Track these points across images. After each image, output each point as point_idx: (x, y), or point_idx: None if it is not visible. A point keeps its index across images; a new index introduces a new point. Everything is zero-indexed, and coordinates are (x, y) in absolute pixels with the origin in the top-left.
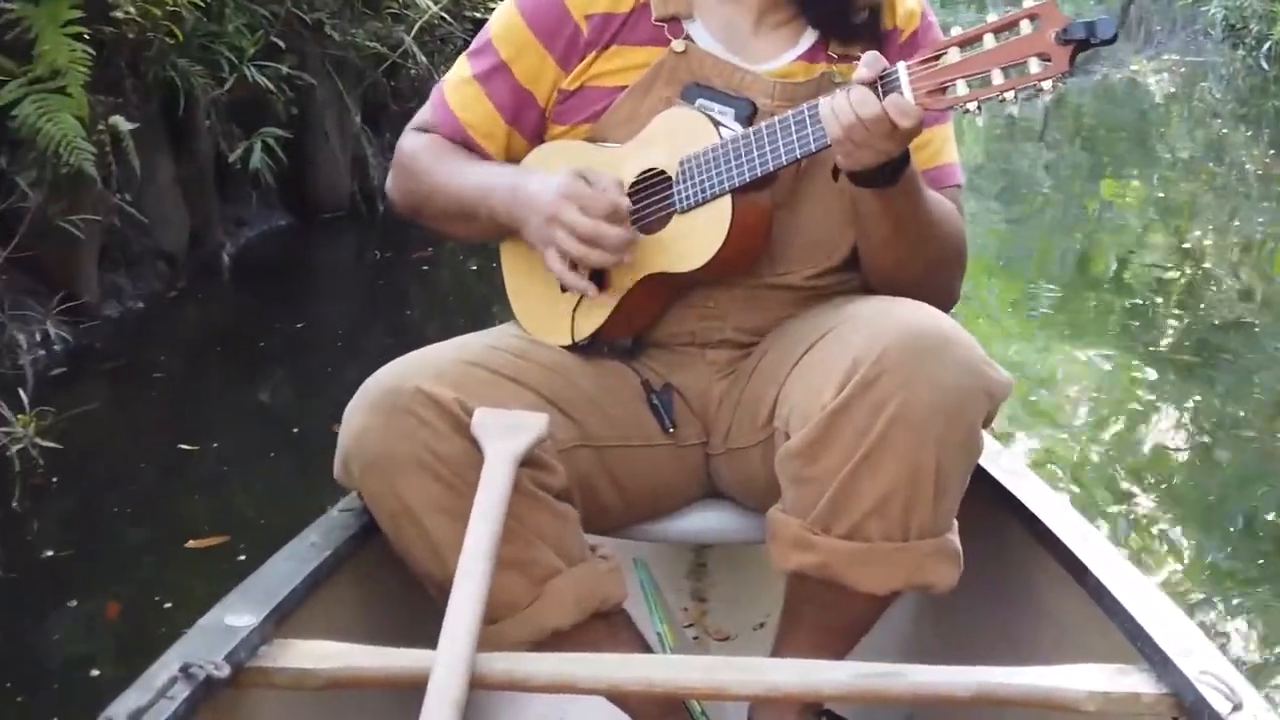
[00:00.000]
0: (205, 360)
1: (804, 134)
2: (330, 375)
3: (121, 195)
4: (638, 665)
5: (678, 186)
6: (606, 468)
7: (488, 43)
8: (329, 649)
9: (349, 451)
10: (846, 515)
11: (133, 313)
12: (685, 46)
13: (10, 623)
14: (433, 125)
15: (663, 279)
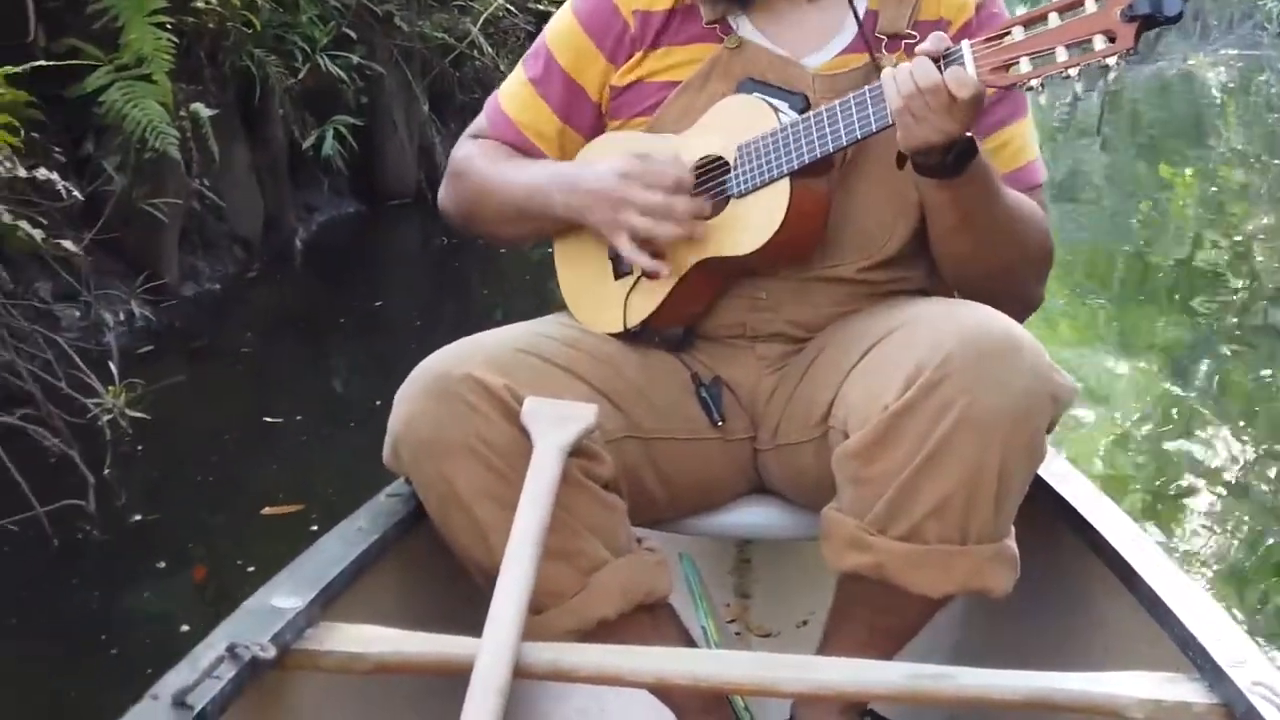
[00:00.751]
0: (281, 339)
1: (864, 114)
2: (400, 356)
3: (200, 180)
4: (684, 659)
5: (735, 171)
6: (653, 460)
7: (542, 45)
8: (374, 634)
9: (399, 436)
10: (904, 517)
11: (209, 294)
12: (739, 42)
13: (105, 583)
14: (487, 131)
15: (717, 264)
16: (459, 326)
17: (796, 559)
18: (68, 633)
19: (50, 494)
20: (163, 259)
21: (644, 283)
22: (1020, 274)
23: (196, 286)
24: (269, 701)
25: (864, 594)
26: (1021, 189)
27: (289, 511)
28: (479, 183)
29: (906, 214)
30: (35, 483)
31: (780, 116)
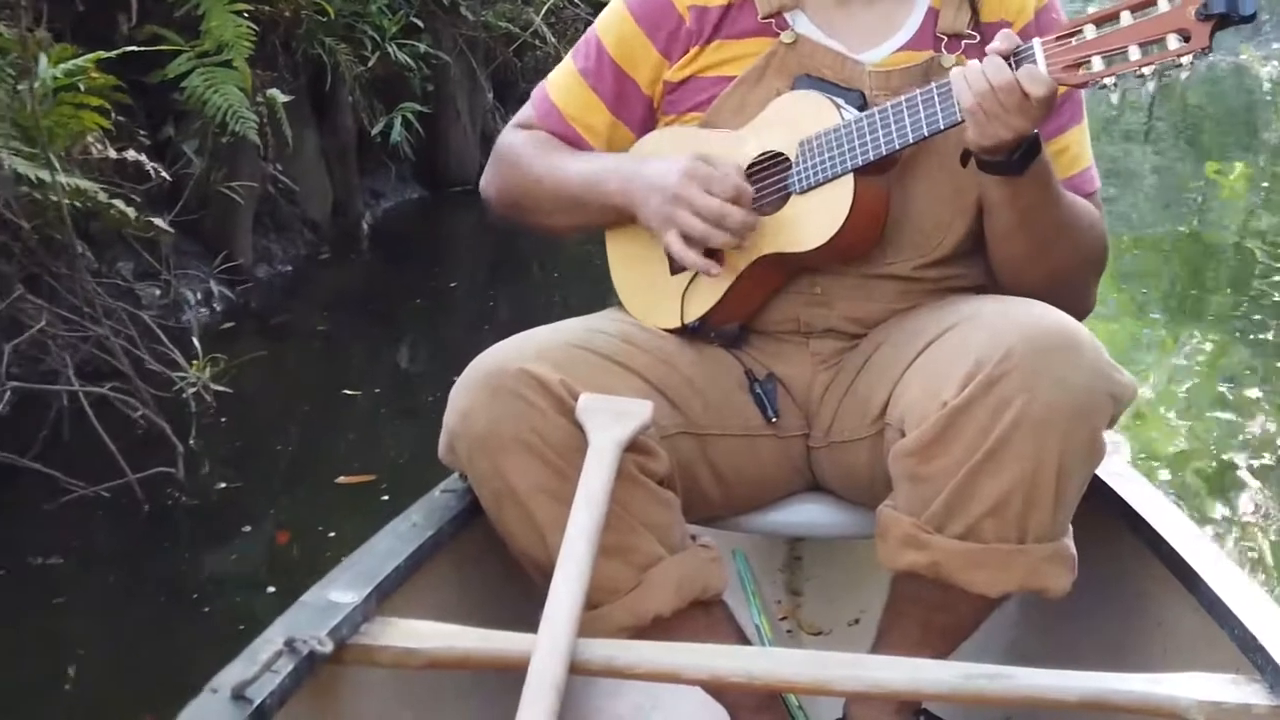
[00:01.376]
0: (352, 318)
1: (932, 111)
2: (465, 337)
3: (274, 165)
4: (739, 657)
5: (797, 167)
6: (707, 456)
7: (593, 37)
8: (430, 629)
9: (455, 431)
10: (962, 515)
11: (281, 275)
12: (795, 38)
13: (195, 546)
14: (535, 121)
15: (777, 260)
16: (521, 308)
17: (848, 557)
18: (162, 593)
19: (139, 463)
20: (238, 241)
21: (701, 279)
22: (1076, 278)
23: (269, 268)
24: (326, 695)
25: (919, 593)
26: (1079, 194)
27: (362, 481)
28: (528, 171)
29: (964, 212)
30: (124, 452)
31: (843, 113)
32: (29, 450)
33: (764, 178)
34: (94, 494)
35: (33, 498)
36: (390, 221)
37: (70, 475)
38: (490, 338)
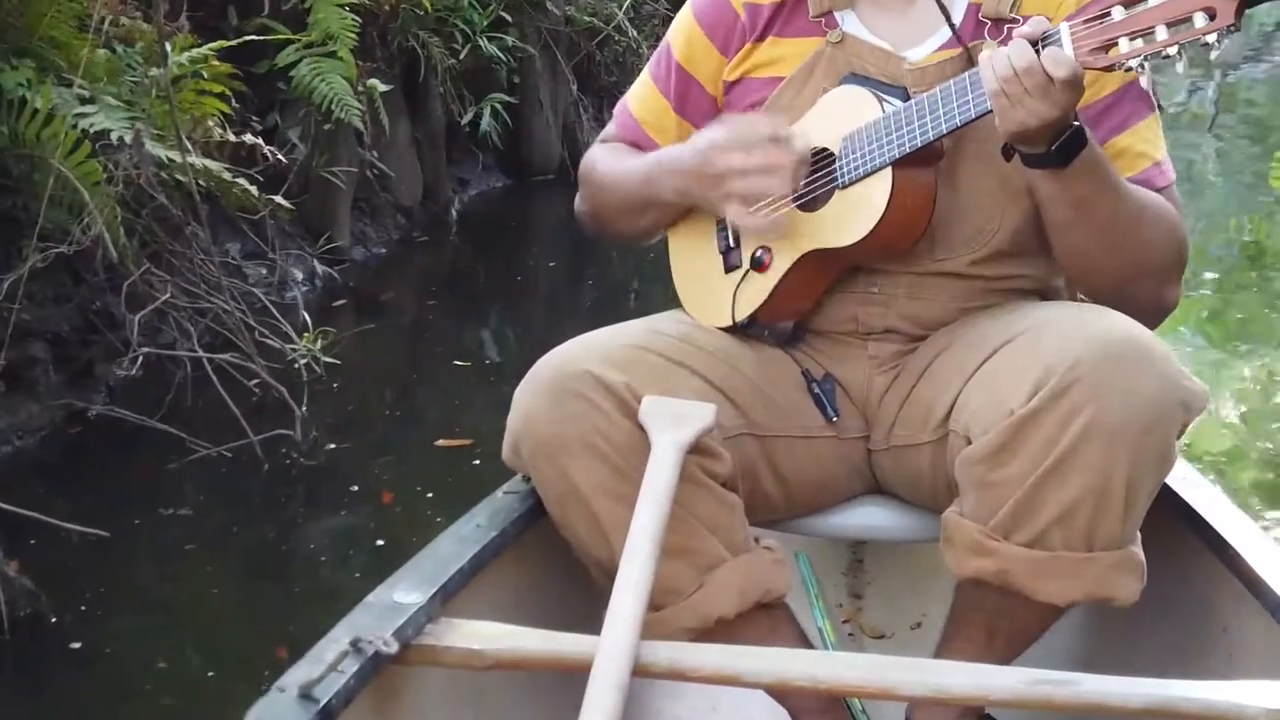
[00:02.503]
0: (446, 298)
1: (964, 100)
2: (549, 317)
3: (371, 151)
4: (802, 661)
5: (840, 162)
6: (769, 458)
7: (664, 42)
8: (494, 630)
9: (518, 433)
10: (1029, 523)
11: (376, 257)
12: (842, 36)
13: (308, 502)
14: (613, 134)
15: (822, 255)
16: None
17: (910, 560)
18: (280, 543)
19: (254, 427)
20: (337, 224)
21: (752, 276)
22: (1150, 275)
23: (365, 250)
24: (390, 695)
25: (984, 599)
26: (1152, 189)
27: (460, 445)
28: (600, 181)
29: (1014, 202)
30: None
31: (884, 105)
32: (156, 413)
33: (811, 174)
34: (216, 454)
35: (161, 456)
36: (476, 208)
37: (193, 437)
38: (571, 320)
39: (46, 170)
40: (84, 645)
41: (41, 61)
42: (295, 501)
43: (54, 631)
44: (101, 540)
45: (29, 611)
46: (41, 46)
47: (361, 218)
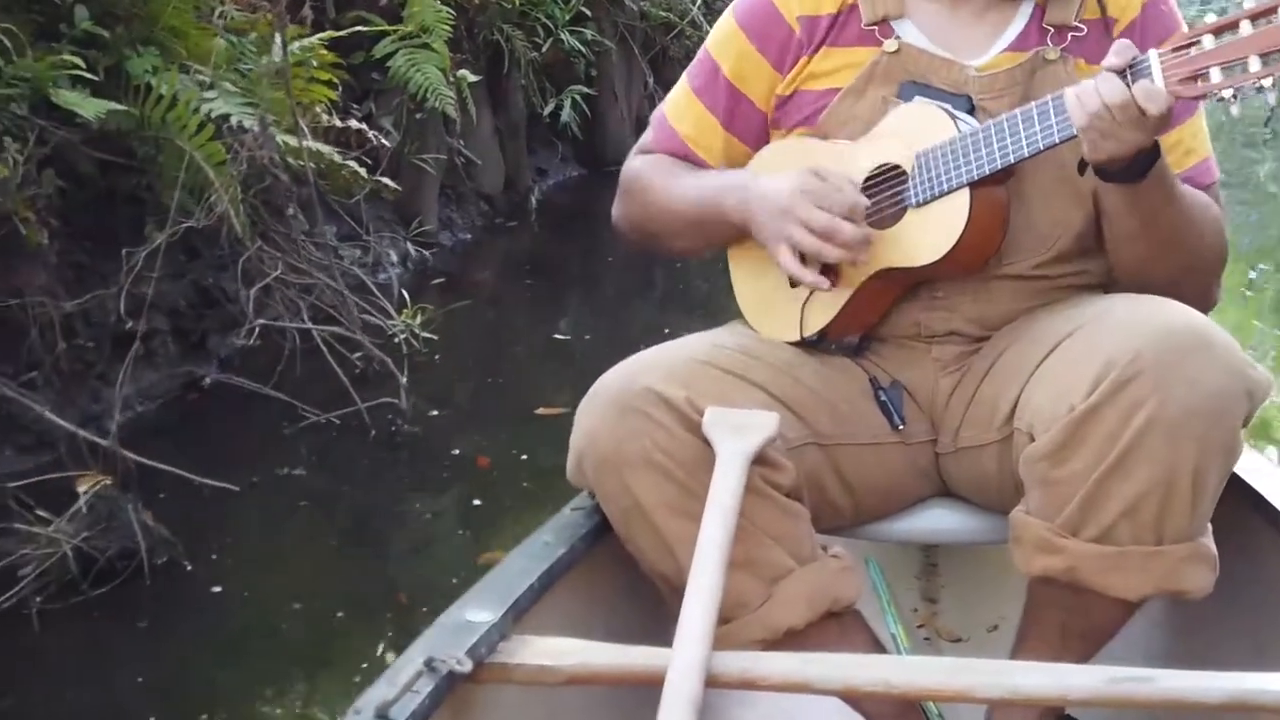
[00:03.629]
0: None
1: (1048, 124)
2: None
3: (458, 140)
4: (875, 666)
5: (913, 180)
6: (834, 466)
7: (705, 55)
8: (566, 645)
9: (581, 451)
10: (1096, 519)
11: (463, 242)
12: (898, 45)
13: (412, 465)
14: (654, 145)
15: (895, 274)
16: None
17: (984, 562)
18: (387, 503)
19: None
20: (426, 209)
21: (820, 292)
22: (1198, 275)
23: (451, 236)
24: (465, 714)
25: (1056, 598)
26: (1196, 187)
27: (557, 413)
28: (651, 198)
29: (1079, 205)
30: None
31: (959, 125)
32: (267, 382)
33: (880, 191)
34: (325, 420)
35: (275, 422)
36: (554, 196)
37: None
38: (649, 303)
39: (171, 152)
40: (224, 589)
41: (164, 49)
42: (399, 464)
43: (190, 577)
44: (226, 495)
45: (165, 560)
46: (164, 35)
47: (448, 204)
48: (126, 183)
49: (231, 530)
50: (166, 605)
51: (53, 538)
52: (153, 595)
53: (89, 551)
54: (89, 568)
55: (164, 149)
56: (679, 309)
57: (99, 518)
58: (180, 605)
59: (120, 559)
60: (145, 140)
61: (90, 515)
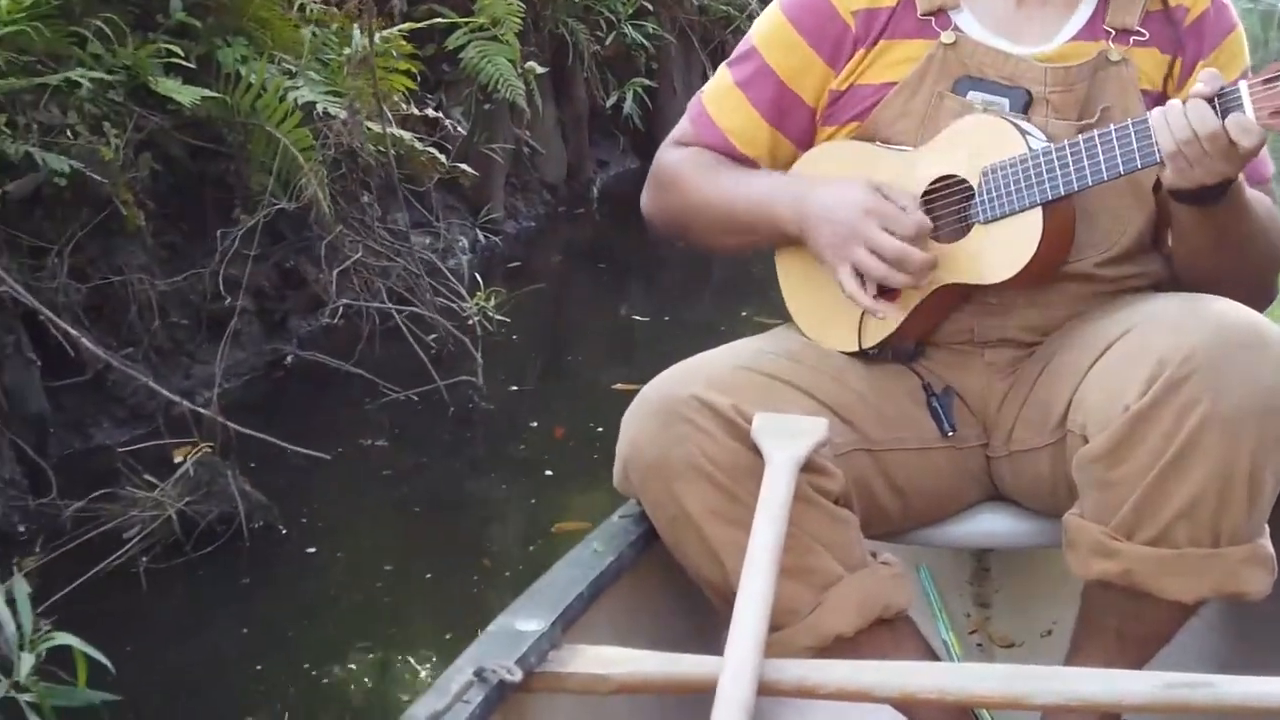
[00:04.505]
0: (593, 267)
1: (1129, 149)
2: (686, 288)
3: (525, 131)
4: (929, 673)
5: (980, 196)
6: (884, 471)
7: (751, 48)
8: (616, 654)
9: (627, 459)
10: (1152, 521)
11: (527, 229)
12: (955, 38)
13: (489, 438)
14: (692, 138)
15: (960, 290)
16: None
17: (1037, 566)
18: (466, 473)
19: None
20: (493, 197)
21: (880, 304)
22: (1259, 274)
23: (516, 224)
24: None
25: (1112, 602)
26: (1251, 184)
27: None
28: (690, 194)
29: (1141, 204)
30: (421, 367)
31: (1029, 141)
32: (348, 360)
33: (943, 203)
34: (404, 397)
35: (356, 399)
36: (614, 187)
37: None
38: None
39: (259, 138)
40: (318, 550)
41: (252, 40)
42: (476, 438)
43: (285, 540)
44: (315, 465)
45: (262, 524)
46: (252, 26)
47: (513, 193)
48: (215, 168)
49: (321, 497)
50: (265, 565)
51: (158, 501)
52: (251, 556)
53: (191, 515)
54: (190, 531)
55: (252, 135)
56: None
57: (200, 483)
58: (278, 565)
59: (220, 523)
60: (234, 127)
61: (191, 481)
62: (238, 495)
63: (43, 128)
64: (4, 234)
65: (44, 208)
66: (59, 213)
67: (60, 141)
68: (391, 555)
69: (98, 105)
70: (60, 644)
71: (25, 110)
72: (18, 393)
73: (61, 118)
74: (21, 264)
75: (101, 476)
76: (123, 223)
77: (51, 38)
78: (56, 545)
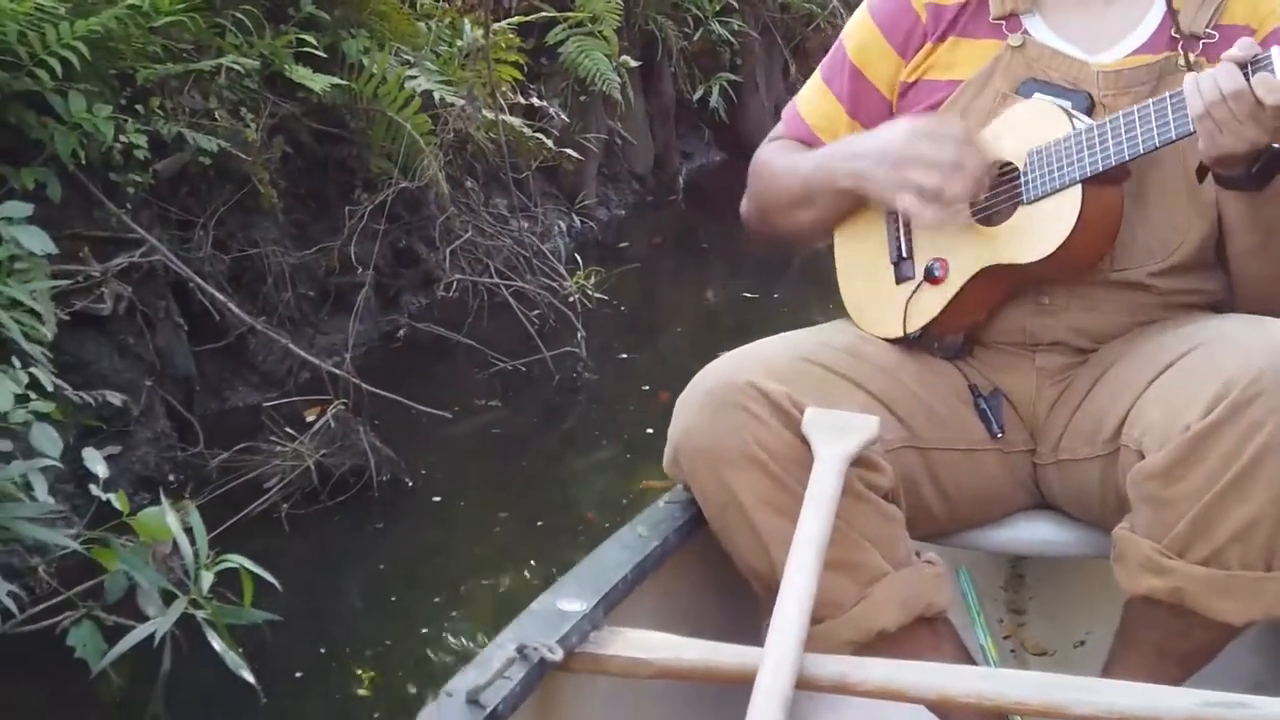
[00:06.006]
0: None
1: (1164, 120)
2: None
3: (617, 122)
4: (968, 677)
5: (1025, 177)
6: (931, 471)
7: (838, 44)
8: (657, 639)
9: (678, 443)
10: (1206, 541)
11: (617, 217)
12: (1022, 40)
13: (594, 403)
14: (781, 132)
15: (1003, 271)
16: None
17: (1073, 576)
18: (574, 431)
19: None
20: (586, 185)
21: (925, 288)
22: None
23: (607, 211)
24: (555, 703)
25: (1156, 618)
26: None
27: None
28: (769, 175)
29: (1202, 215)
30: (525, 340)
31: (1074, 122)
32: (459, 331)
33: (993, 188)
34: (512, 367)
35: (466, 368)
36: (698, 178)
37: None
38: (790, 278)
39: (380, 124)
40: (442, 499)
41: (372, 32)
42: (580, 404)
43: (412, 492)
44: (434, 424)
45: (389, 476)
46: (372, 19)
47: (604, 182)
48: (338, 152)
49: (441, 453)
50: (394, 513)
51: (298, 452)
52: (381, 505)
53: (327, 466)
54: (325, 481)
55: (374, 121)
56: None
57: (334, 438)
58: (405, 513)
59: (351, 474)
60: (356, 113)
61: (327, 435)
62: (368, 449)
63: (188, 111)
64: (156, 209)
65: (190, 184)
66: (203, 189)
67: (203, 124)
68: (506, 505)
69: (234, 92)
70: (229, 567)
71: (172, 95)
72: (168, 354)
73: (203, 103)
74: (171, 236)
75: (239, 434)
76: (259, 200)
77: (201, 29)
78: (205, 493)
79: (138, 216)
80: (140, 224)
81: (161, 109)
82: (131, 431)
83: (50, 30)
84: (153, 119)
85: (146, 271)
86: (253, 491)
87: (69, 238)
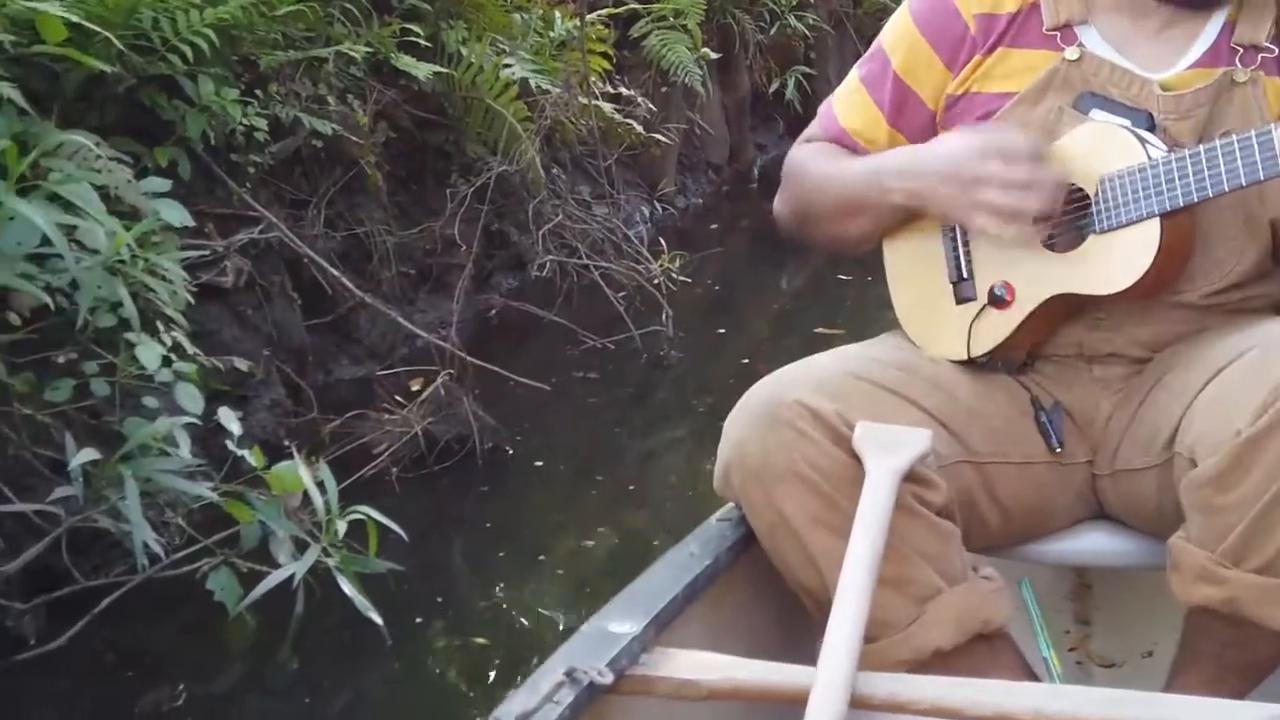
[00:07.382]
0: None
1: (1250, 160)
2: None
3: (697, 113)
4: (1028, 694)
5: (1097, 205)
6: (988, 485)
7: (877, 47)
8: (709, 660)
9: (729, 462)
10: (1260, 549)
11: (695, 205)
12: (1080, 53)
13: (685, 378)
14: (817, 134)
15: (1072, 300)
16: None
17: (1139, 587)
18: (667, 402)
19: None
20: (665, 174)
21: (989, 312)
22: None
23: (685, 200)
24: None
25: (1215, 630)
26: None
27: (835, 333)
28: (810, 181)
29: (1256, 237)
30: (613, 318)
31: (1149, 150)
32: (550, 309)
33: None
34: (603, 345)
35: (558, 345)
36: (773, 168)
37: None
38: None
39: (478, 111)
40: (544, 464)
41: (469, 23)
42: (669, 380)
43: (514, 459)
44: (531, 395)
45: (491, 444)
46: (469, 10)
47: (682, 172)
48: (437, 137)
49: (538, 423)
50: (499, 477)
51: (406, 419)
52: (486, 470)
53: (433, 434)
54: (431, 448)
55: (471, 108)
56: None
57: (440, 407)
58: (508, 478)
59: (456, 441)
60: (454, 101)
61: (433, 404)
62: (472, 418)
63: (301, 97)
64: (273, 188)
65: (302, 166)
66: (315, 171)
67: (314, 109)
68: (601, 470)
69: (341, 79)
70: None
71: (286, 81)
72: (283, 326)
73: (313, 89)
74: (286, 215)
75: (345, 405)
76: (365, 182)
77: (318, 17)
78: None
79: (256, 195)
80: (259, 203)
81: (278, 94)
82: (250, 398)
83: (181, 18)
84: (271, 103)
85: (264, 247)
86: (363, 457)
87: (195, 214)
